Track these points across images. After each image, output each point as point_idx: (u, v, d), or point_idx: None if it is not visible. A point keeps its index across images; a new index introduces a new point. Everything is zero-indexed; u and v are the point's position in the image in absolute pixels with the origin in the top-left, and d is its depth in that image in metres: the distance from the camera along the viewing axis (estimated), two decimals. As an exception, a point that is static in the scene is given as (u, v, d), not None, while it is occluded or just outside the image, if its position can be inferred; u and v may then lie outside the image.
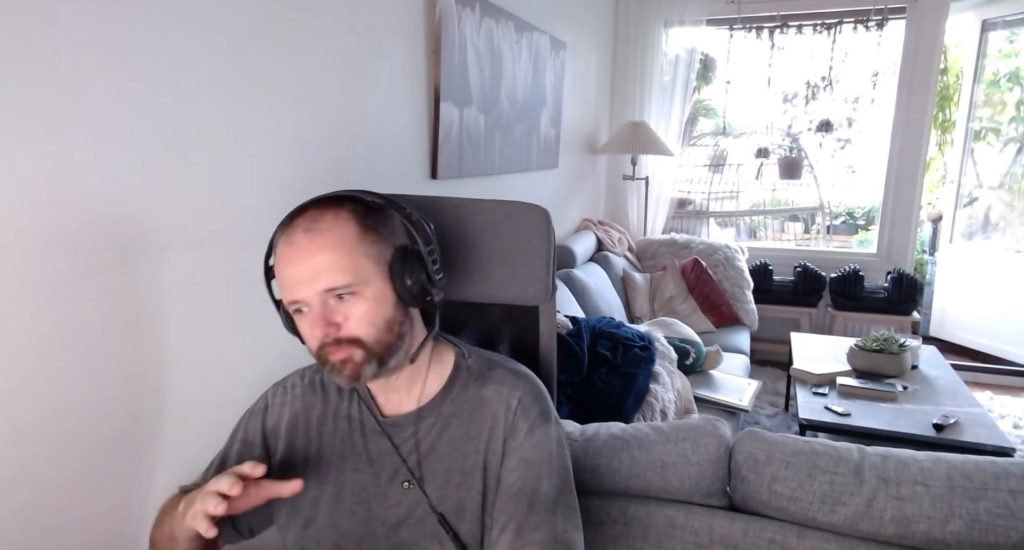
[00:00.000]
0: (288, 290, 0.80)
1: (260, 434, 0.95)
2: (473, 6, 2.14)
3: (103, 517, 1.09)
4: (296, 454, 0.92)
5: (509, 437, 0.87)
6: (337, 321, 0.79)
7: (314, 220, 0.80)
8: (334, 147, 1.59)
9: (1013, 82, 4.12)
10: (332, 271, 0.78)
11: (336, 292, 0.79)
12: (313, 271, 0.78)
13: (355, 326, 0.80)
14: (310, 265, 0.78)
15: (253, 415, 0.97)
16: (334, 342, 0.79)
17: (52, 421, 0.99)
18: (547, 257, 1.04)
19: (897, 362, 2.56)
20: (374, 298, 0.81)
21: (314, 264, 0.78)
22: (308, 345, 0.83)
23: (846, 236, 6.09)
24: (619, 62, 4.16)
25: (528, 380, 0.92)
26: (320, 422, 0.93)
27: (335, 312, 0.79)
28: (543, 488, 0.85)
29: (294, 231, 0.80)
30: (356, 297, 0.79)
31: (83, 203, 1.00)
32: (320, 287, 0.78)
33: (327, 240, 0.79)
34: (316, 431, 0.93)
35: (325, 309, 0.79)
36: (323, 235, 0.79)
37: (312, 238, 0.79)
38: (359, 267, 0.79)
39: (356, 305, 0.80)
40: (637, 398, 2.10)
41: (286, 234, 0.81)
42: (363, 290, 0.80)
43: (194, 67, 1.16)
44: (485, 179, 2.44)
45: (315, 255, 0.78)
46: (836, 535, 1.08)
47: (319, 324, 0.79)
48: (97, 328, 1.04)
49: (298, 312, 0.82)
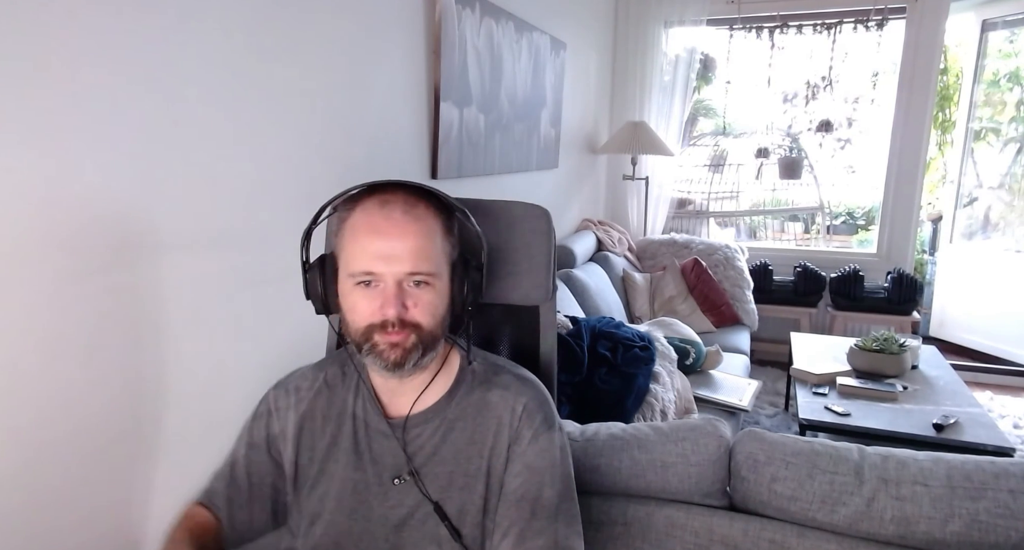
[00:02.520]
0: (367, 260, 0.81)
1: (265, 438, 0.95)
2: (473, 6, 2.14)
3: (103, 517, 1.09)
4: (303, 455, 0.93)
5: (513, 443, 0.87)
6: (408, 304, 0.82)
7: (412, 205, 0.83)
8: (334, 147, 1.59)
9: (1013, 82, 4.12)
10: (421, 257, 0.81)
11: (416, 277, 0.82)
12: (405, 251, 0.80)
13: (420, 313, 0.82)
14: (403, 244, 0.80)
15: (257, 419, 0.97)
16: (397, 323, 0.81)
17: (52, 421, 0.99)
18: (548, 257, 1.04)
19: (897, 362, 2.56)
20: (440, 292, 0.85)
21: (407, 245, 0.80)
22: (355, 320, 0.83)
23: (846, 236, 6.09)
24: (619, 62, 4.15)
25: (533, 386, 0.92)
26: (325, 421, 0.93)
27: (408, 295, 0.82)
28: (545, 495, 0.86)
29: (393, 208, 0.82)
30: (429, 287, 0.83)
31: (83, 203, 1.00)
32: (407, 268, 0.81)
33: (422, 227, 0.82)
34: (321, 430, 0.93)
35: (401, 290, 0.81)
36: (420, 221, 0.82)
37: (410, 221, 0.81)
38: (439, 261, 0.84)
39: (426, 294, 0.83)
40: (637, 398, 2.10)
41: (383, 207, 0.82)
42: (435, 282, 0.83)
43: (195, 67, 1.16)
44: (485, 179, 2.44)
45: (410, 237, 0.81)
46: (836, 535, 1.07)
47: (393, 302, 0.81)
48: (97, 328, 1.04)
49: (362, 284, 0.82)
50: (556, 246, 1.06)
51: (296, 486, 0.93)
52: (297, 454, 0.93)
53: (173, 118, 1.13)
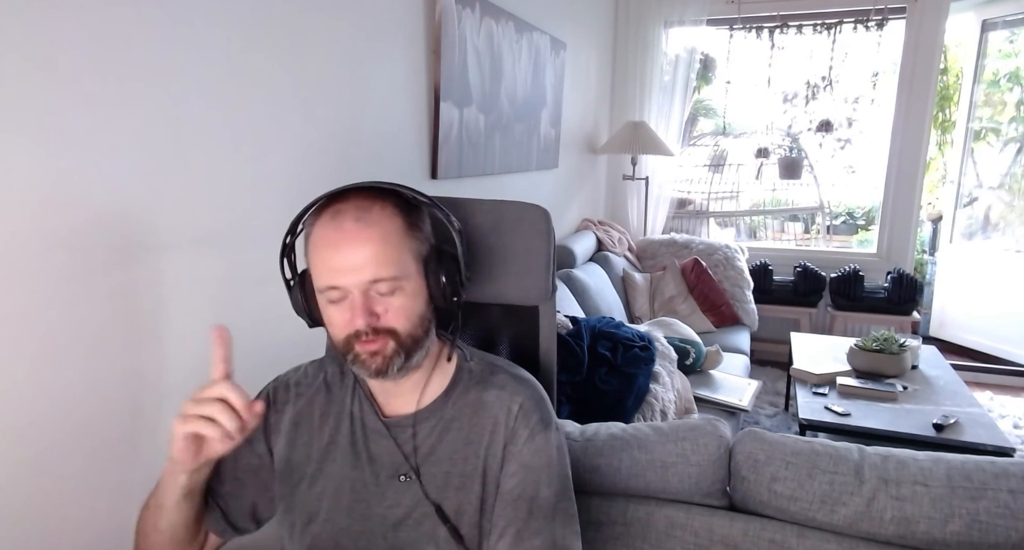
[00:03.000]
0: (328, 275, 0.80)
1: (262, 430, 0.94)
2: (473, 6, 2.14)
3: (103, 517, 1.09)
4: (297, 451, 0.92)
5: (509, 442, 0.87)
6: (377, 311, 0.80)
7: (364, 210, 0.80)
8: (334, 147, 1.59)
9: (1013, 82, 4.12)
10: (381, 262, 0.79)
11: (381, 283, 0.80)
12: (362, 260, 0.78)
13: (393, 318, 0.81)
14: (359, 254, 0.78)
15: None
16: (371, 331, 0.80)
17: (52, 421, 0.99)
18: (547, 257, 1.04)
19: (897, 362, 2.56)
20: (412, 293, 0.83)
21: (363, 253, 0.78)
22: (334, 332, 0.83)
23: (846, 236, 6.09)
24: (619, 62, 4.16)
25: (530, 386, 0.92)
26: (322, 419, 0.93)
27: (376, 302, 0.80)
28: (542, 494, 0.85)
29: (343, 218, 0.80)
30: (397, 290, 0.81)
31: (84, 203, 1.00)
32: (367, 277, 0.79)
33: (377, 231, 0.80)
34: (318, 428, 0.93)
35: (367, 299, 0.80)
36: (373, 226, 0.80)
37: (362, 228, 0.79)
38: (403, 261, 0.81)
39: (396, 298, 0.81)
40: (637, 398, 2.10)
41: (333, 219, 0.80)
42: (404, 284, 0.81)
43: (194, 67, 1.16)
44: (485, 179, 2.44)
45: (364, 244, 0.79)
46: (836, 535, 1.07)
47: (361, 313, 0.79)
48: (97, 327, 1.04)
49: (332, 299, 0.81)
50: (556, 246, 1.06)
51: (288, 482, 0.92)
52: (290, 450, 0.92)
53: (174, 118, 1.13)
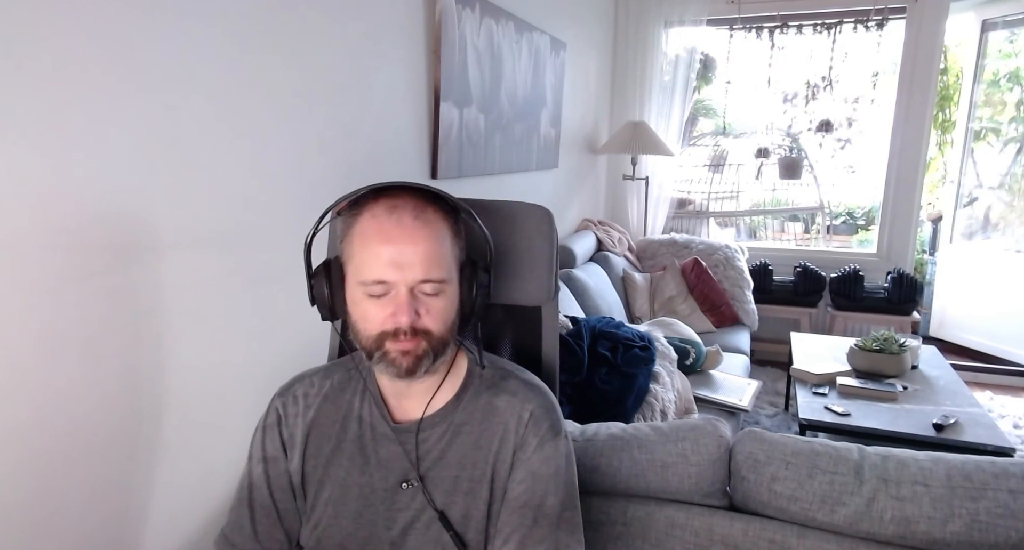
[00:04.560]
0: (378, 268, 0.79)
1: (281, 447, 0.92)
2: (473, 6, 2.14)
3: (102, 517, 1.09)
4: (308, 461, 0.92)
5: (519, 449, 0.87)
6: (420, 311, 0.80)
7: (422, 209, 0.81)
8: (334, 147, 1.59)
9: (1013, 82, 4.11)
10: (433, 263, 0.79)
11: (428, 285, 0.80)
12: (416, 257, 0.79)
13: (431, 320, 0.81)
14: (415, 251, 0.79)
15: (268, 430, 0.93)
16: (409, 331, 0.79)
17: (51, 421, 0.98)
18: (550, 257, 1.03)
19: (897, 362, 2.56)
20: (451, 298, 0.83)
21: (418, 251, 0.79)
22: (366, 327, 0.81)
23: (846, 236, 6.09)
24: (619, 62, 4.15)
25: (541, 393, 0.91)
26: (331, 425, 0.92)
27: (420, 302, 0.80)
28: (548, 502, 0.85)
29: (402, 213, 0.80)
30: (441, 293, 0.81)
31: (83, 203, 1.00)
32: (419, 275, 0.79)
33: (433, 232, 0.81)
34: (327, 435, 0.92)
35: (413, 297, 0.80)
36: (430, 226, 0.80)
37: (421, 226, 0.80)
38: (449, 265, 0.82)
39: (438, 301, 0.81)
40: (637, 398, 2.10)
41: (391, 214, 0.80)
42: (447, 288, 0.82)
43: (193, 67, 1.16)
44: (485, 179, 2.44)
45: (421, 243, 0.79)
46: (836, 535, 1.07)
47: (406, 310, 0.79)
48: (97, 328, 1.04)
49: (374, 294, 0.80)
50: (558, 246, 1.06)
51: (303, 493, 0.92)
52: (304, 461, 0.92)
53: (173, 118, 1.13)
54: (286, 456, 0.92)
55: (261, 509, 0.92)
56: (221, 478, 1.30)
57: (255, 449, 0.94)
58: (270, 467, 0.92)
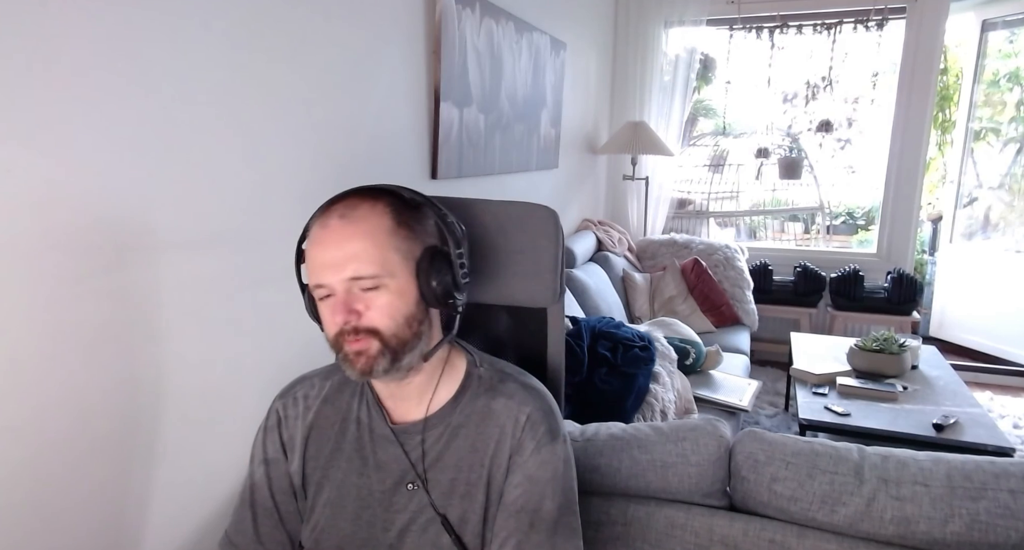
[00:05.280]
0: (315, 273, 0.81)
1: (281, 449, 0.93)
2: (473, 6, 2.14)
3: (102, 517, 1.09)
4: (309, 463, 0.92)
5: (515, 453, 0.86)
6: (358, 309, 0.80)
7: (351, 208, 0.81)
8: (334, 147, 1.59)
9: (1013, 82, 4.12)
10: (360, 260, 0.79)
11: (362, 281, 0.80)
12: (343, 257, 0.79)
13: (375, 317, 0.80)
14: (341, 251, 0.79)
15: (269, 432, 0.94)
16: (352, 330, 0.80)
17: (51, 421, 0.98)
18: (555, 258, 1.02)
19: (897, 362, 2.56)
20: (397, 292, 0.82)
21: (344, 250, 0.79)
22: (326, 331, 0.83)
23: (846, 236, 6.08)
24: (619, 62, 4.15)
25: (539, 396, 0.90)
26: (330, 427, 0.92)
27: (357, 300, 0.80)
28: (545, 507, 0.84)
29: (330, 216, 0.81)
30: (380, 289, 0.80)
31: (83, 203, 1.00)
32: (347, 274, 0.79)
33: (359, 229, 0.80)
34: (326, 436, 0.92)
35: (348, 296, 0.80)
36: (356, 223, 0.80)
37: (345, 225, 0.80)
38: (387, 260, 0.81)
39: (379, 296, 0.81)
40: (637, 398, 2.10)
41: (322, 218, 0.82)
42: (387, 283, 0.81)
43: (194, 67, 1.16)
44: (485, 179, 2.44)
45: (346, 242, 0.79)
46: (836, 535, 1.07)
47: (340, 310, 0.79)
48: (96, 328, 1.03)
49: (322, 298, 0.82)
50: (564, 247, 1.05)
51: (304, 495, 0.92)
52: (304, 463, 0.92)
53: (173, 118, 1.13)
54: (286, 458, 0.93)
55: (263, 511, 0.92)
56: (221, 478, 1.30)
57: (256, 451, 0.95)
58: (271, 469, 0.92)
